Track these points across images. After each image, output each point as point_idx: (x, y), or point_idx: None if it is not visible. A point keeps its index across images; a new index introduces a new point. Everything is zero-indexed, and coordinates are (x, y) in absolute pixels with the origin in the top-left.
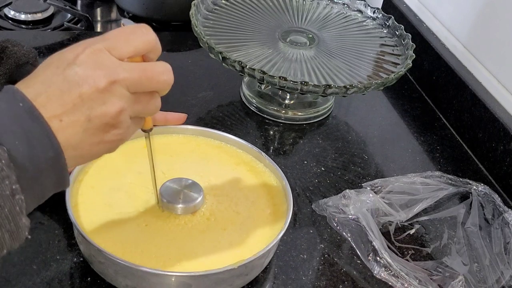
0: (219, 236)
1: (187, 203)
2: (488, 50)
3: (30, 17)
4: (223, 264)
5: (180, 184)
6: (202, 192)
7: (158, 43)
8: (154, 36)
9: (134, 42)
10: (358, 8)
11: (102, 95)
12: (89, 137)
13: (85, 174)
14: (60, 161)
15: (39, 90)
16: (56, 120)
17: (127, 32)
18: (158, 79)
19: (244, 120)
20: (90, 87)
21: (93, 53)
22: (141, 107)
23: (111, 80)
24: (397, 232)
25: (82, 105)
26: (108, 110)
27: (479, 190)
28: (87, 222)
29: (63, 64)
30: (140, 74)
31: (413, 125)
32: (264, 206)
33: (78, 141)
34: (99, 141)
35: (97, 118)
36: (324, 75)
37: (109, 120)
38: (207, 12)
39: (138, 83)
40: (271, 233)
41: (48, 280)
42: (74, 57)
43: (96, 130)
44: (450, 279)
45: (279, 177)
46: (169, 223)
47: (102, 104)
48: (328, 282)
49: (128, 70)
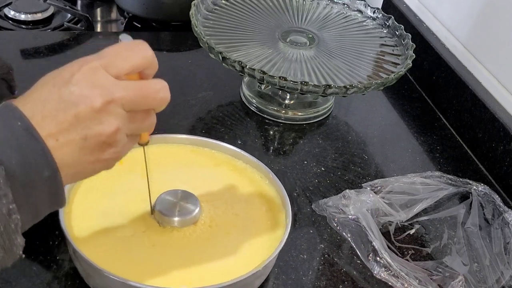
0: (225, 241)
1: (187, 215)
2: (488, 50)
3: (30, 17)
4: (239, 269)
5: (176, 196)
6: (198, 200)
7: (155, 59)
8: (151, 52)
9: (131, 59)
10: (358, 8)
11: (98, 115)
12: (85, 156)
13: (71, 203)
14: (56, 180)
15: (35, 109)
16: (52, 139)
17: (124, 49)
18: (154, 97)
19: (244, 120)
20: (86, 107)
21: (89, 71)
22: (137, 125)
23: (107, 100)
24: (397, 232)
25: (78, 124)
26: (104, 130)
27: (479, 190)
28: (91, 251)
29: (59, 83)
30: (136, 93)
31: (413, 125)
32: (259, 204)
33: (74, 160)
34: (95, 160)
35: (93, 137)
36: (324, 75)
37: (105, 139)
38: (207, 12)
39: (134, 101)
40: (273, 230)
41: (48, 281)
42: (70, 76)
43: (92, 149)
44: (450, 279)
45: (263, 170)
46: (173, 237)
47: (99, 123)
48: (328, 282)
49: (124, 89)
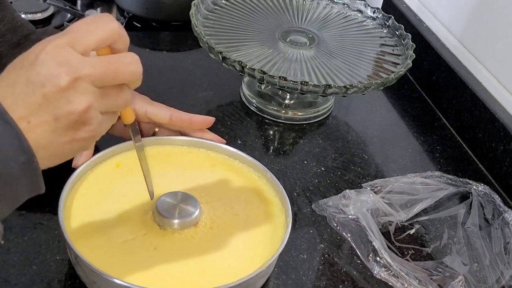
0: (227, 242)
1: (188, 217)
2: (488, 50)
3: (30, 17)
4: (242, 269)
5: (175, 198)
6: (198, 202)
7: (123, 31)
8: (117, 24)
9: (96, 32)
10: (358, 8)
11: (66, 93)
12: (59, 136)
13: (70, 208)
14: (33, 165)
15: (5, 93)
16: (24, 122)
17: (88, 23)
18: (124, 71)
19: (244, 120)
20: (53, 86)
21: (54, 50)
22: (110, 101)
23: (74, 77)
24: (397, 232)
25: (48, 105)
26: (74, 108)
27: (479, 190)
28: (93, 256)
29: (25, 65)
30: (105, 68)
31: (413, 125)
32: (258, 203)
33: (48, 141)
34: (71, 140)
35: (64, 117)
36: (324, 75)
37: (77, 117)
38: (207, 12)
39: (104, 77)
40: (273, 229)
41: (48, 280)
42: (35, 56)
43: (65, 129)
44: (450, 279)
45: (260, 169)
46: (175, 240)
47: (68, 102)
48: (328, 282)
49: (92, 65)
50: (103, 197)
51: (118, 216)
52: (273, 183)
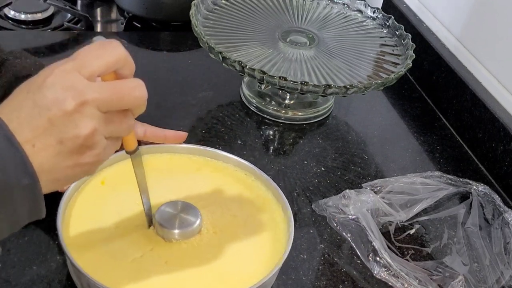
0: (234, 244)
1: (191, 226)
2: (488, 50)
3: (30, 17)
4: (257, 269)
5: (174, 208)
6: (197, 209)
7: (129, 57)
8: (124, 50)
9: (103, 58)
10: (358, 8)
11: (72, 118)
12: (63, 160)
13: (68, 233)
14: (36, 189)
15: (11, 116)
16: (29, 145)
17: (96, 49)
18: (129, 96)
19: (244, 120)
20: (58, 110)
21: (62, 74)
22: (114, 126)
23: (80, 102)
24: (397, 232)
25: (53, 128)
26: (80, 132)
27: (479, 190)
28: (107, 281)
29: (32, 88)
30: (110, 93)
31: (413, 125)
32: (251, 200)
33: (52, 165)
34: (75, 164)
35: (69, 140)
36: (324, 75)
37: (82, 142)
38: (207, 12)
39: (109, 102)
40: (274, 224)
41: (48, 280)
42: (42, 80)
43: (70, 153)
44: (450, 279)
45: (246, 167)
46: (183, 250)
47: (74, 127)
48: (328, 282)
49: (97, 90)
50: (97, 219)
51: (119, 236)
52: (262, 179)
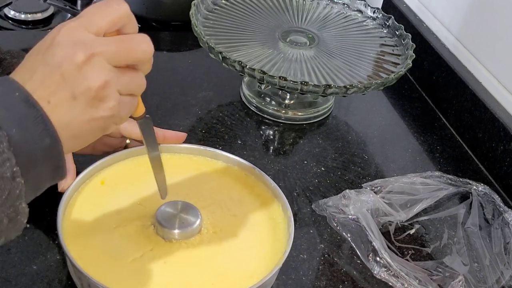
0: (235, 244)
1: (190, 226)
2: (488, 50)
3: (30, 17)
4: (257, 269)
5: (174, 207)
6: (197, 209)
7: (132, 15)
8: (127, 7)
9: (108, 14)
10: (358, 8)
11: (83, 70)
12: (78, 115)
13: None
14: (57, 148)
15: (25, 77)
16: (44, 102)
17: (100, 6)
18: (136, 49)
19: (244, 120)
20: (69, 65)
21: (69, 31)
22: (125, 80)
23: (89, 54)
24: (397, 232)
25: (65, 83)
26: (91, 84)
27: (479, 190)
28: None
29: (42, 49)
30: (118, 45)
31: (413, 125)
32: (251, 199)
33: (68, 120)
34: (90, 118)
35: (82, 94)
36: (324, 75)
37: (95, 93)
38: (207, 12)
39: (117, 54)
40: (273, 223)
41: (48, 280)
42: (51, 40)
43: (84, 107)
44: (450, 279)
45: (246, 166)
46: (182, 250)
47: (85, 79)
48: (328, 282)
49: (105, 43)
50: (98, 219)
51: (119, 236)
52: (262, 179)
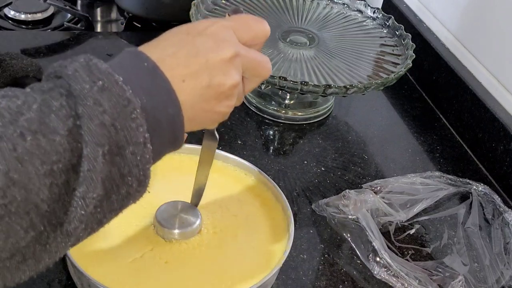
0: (234, 244)
1: (191, 226)
2: (488, 50)
3: (30, 17)
4: (257, 269)
5: (174, 207)
6: (197, 209)
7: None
8: (269, 32)
9: (255, 29)
10: (358, 8)
11: (225, 66)
12: (203, 103)
13: None
14: (179, 118)
15: (168, 51)
16: (179, 79)
17: (251, 19)
18: (264, 66)
19: (244, 120)
20: (216, 55)
21: (222, 28)
22: (247, 88)
23: (235, 53)
24: (397, 232)
25: (206, 70)
26: (226, 81)
27: (479, 190)
28: (107, 282)
29: (193, 32)
30: (255, 56)
31: (413, 125)
32: (251, 200)
33: (192, 103)
34: (210, 109)
35: (215, 86)
36: (324, 75)
37: (225, 90)
38: (207, 12)
39: (252, 63)
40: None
41: (48, 280)
42: (204, 28)
43: (211, 97)
44: (450, 279)
45: (246, 167)
46: (183, 250)
47: (223, 74)
48: (328, 282)
49: (246, 49)
50: None
51: (119, 236)
52: (262, 179)
